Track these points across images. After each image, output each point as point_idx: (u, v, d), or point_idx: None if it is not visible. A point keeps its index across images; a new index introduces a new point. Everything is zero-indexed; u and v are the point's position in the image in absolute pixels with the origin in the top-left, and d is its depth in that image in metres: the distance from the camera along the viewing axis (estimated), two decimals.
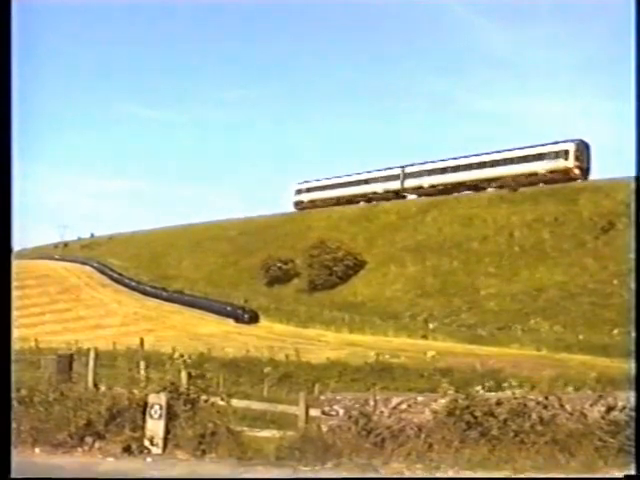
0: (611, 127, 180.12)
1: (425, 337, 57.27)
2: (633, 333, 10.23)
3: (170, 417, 11.24)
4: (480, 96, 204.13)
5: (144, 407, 11.33)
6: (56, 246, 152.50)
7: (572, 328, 51.81)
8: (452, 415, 10.55)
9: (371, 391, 11.64)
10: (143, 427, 11.23)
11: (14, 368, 11.29)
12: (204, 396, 11.77)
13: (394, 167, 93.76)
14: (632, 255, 10.40)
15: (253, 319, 72.21)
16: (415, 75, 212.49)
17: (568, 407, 10.62)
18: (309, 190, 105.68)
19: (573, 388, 12.72)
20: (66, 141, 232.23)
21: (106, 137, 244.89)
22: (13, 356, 9.47)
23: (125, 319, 75.85)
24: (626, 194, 54.48)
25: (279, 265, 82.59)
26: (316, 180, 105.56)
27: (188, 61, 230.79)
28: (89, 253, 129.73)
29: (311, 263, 77.21)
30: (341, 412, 10.94)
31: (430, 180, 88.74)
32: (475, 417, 10.44)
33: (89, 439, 11.38)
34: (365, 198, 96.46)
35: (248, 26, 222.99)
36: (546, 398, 10.73)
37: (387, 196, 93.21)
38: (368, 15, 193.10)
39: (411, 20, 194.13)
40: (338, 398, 11.34)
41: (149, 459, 10.90)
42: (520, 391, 11.12)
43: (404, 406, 10.87)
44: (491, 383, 11.96)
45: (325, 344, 54.34)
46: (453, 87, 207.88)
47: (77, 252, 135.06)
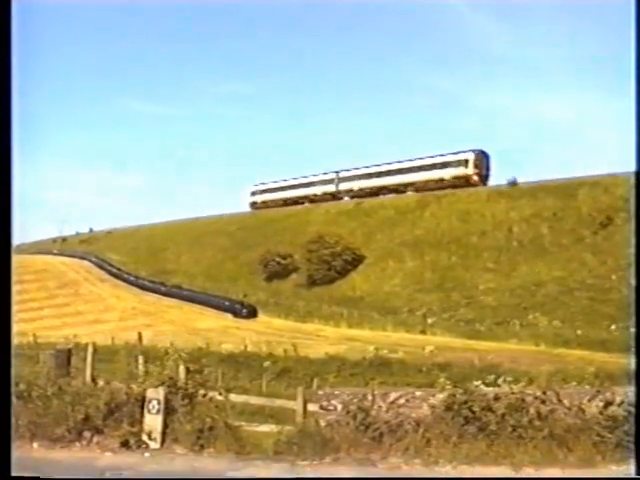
0: (610, 123, 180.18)
1: (423, 332, 57.22)
2: (632, 329, 10.20)
3: (168, 412, 11.25)
4: (479, 92, 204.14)
5: (142, 402, 11.34)
6: (55, 241, 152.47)
7: (570, 323, 51.79)
8: (450, 410, 10.57)
9: (369, 386, 11.67)
10: (141, 422, 11.25)
11: (13, 363, 11.31)
12: (202, 391, 11.78)
13: (330, 172, 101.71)
14: (631, 250, 10.35)
15: (252, 314, 72.13)
16: (413, 71, 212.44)
17: (566, 402, 10.64)
18: (262, 192, 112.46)
19: (571, 383, 12.75)
20: (65, 137, 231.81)
21: (105, 132, 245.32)
22: (12, 351, 9.47)
23: (123, 314, 75.77)
24: (625, 189, 54.48)
25: (278, 260, 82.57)
26: (270, 182, 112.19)
27: (187, 57, 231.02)
28: (88, 248, 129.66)
29: (310, 258, 77.14)
30: (339, 407, 10.96)
31: (359, 184, 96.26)
32: (473, 412, 10.46)
33: (87, 434, 11.39)
34: (308, 200, 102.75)
35: (249, 22, 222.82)
36: (544, 393, 10.75)
37: (325, 198, 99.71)
38: (367, 11, 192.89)
39: (410, 16, 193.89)
40: (336, 393, 11.36)
41: (147, 454, 10.91)
42: (518, 386, 11.14)
43: (402, 401, 10.89)
44: (492, 377, 11.92)
45: (324, 339, 54.33)
46: (451, 83, 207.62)
47: (76, 247, 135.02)
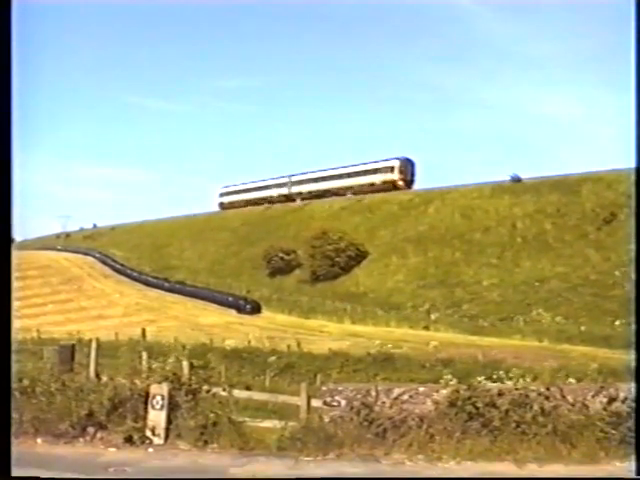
0: (613, 118, 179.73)
1: (427, 328, 57.21)
2: (634, 325, 10.20)
3: (172, 407, 11.26)
4: (481, 86, 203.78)
5: (146, 397, 11.34)
6: (58, 237, 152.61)
7: (574, 319, 51.74)
8: (454, 406, 10.57)
9: (373, 382, 11.65)
10: (145, 417, 11.26)
11: (16, 358, 11.32)
12: (206, 387, 11.78)
13: (284, 176, 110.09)
14: (632, 246, 10.34)
15: (255, 310, 72.14)
16: (416, 65, 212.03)
17: (570, 398, 10.62)
18: (228, 194, 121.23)
19: (574, 379, 12.74)
20: (69, 133, 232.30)
21: (109, 128, 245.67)
22: (15, 347, 9.47)
23: (127, 310, 75.85)
24: (628, 185, 54.34)
25: (281, 256, 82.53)
26: (235, 185, 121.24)
27: (188, 54, 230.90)
28: (91, 244, 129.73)
29: (313, 254, 77.10)
30: (343, 403, 10.95)
31: (308, 187, 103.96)
32: (477, 408, 10.45)
33: (91, 429, 11.40)
34: (266, 201, 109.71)
35: (250, 20, 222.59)
36: (548, 389, 10.74)
37: (280, 200, 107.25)
38: (369, 4, 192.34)
39: (413, 11, 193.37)
40: (340, 389, 11.35)
41: (151, 449, 10.92)
42: (522, 382, 11.13)
43: (406, 397, 10.88)
44: (499, 374, 11.93)
45: (327, 335, 54.32)
46: (454, 77, 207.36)
47: (79, 243, 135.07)
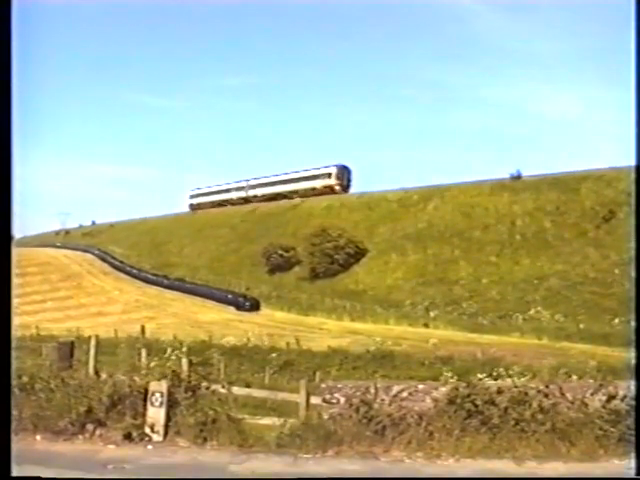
0: (613, 116, 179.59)
1: (426, 325, 57.25)
2: (633, 322, 10.21)
3: (171, 404, 11.26)
4: (482, 84, 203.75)
5: (145, 394, 11.34)
6: (57, 234, 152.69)
7: (573, 317, 51.78)
8: (453, 403, 10.57)
9: (372, 379, 11.65)
10: (144, 414, 11.26)
11: (15, 355, 11.31)
12: (205, 384, 11.78)
13: (243, 180, 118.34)
14: (632, 244, 10.36)
15: (254, 307, 72.16)
16: (418, 63, 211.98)
17: (569, 396, 10.63)
18: (197, 196, 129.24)
19: (574, 377, 12.75)
20: (69, 130, 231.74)
21: (108, 125, 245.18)
22: (14, 343, 9.46)
23: (126, 307, 75.83)
24: (627, 183, 54.35)
25: (280, 253, 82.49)
26: (202, 188, 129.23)
27: (188, 50, 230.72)
28: (90, 241, 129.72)
29: (312, 251, 77.03)
30: (342, 400, 10.96)
31: (261, 191, 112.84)
32: (476, 405, 10.46)
33: (90, 426, 11.40)
34: (229, 203, 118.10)
35: (252, 17, 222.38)
36: (547, 387, 10.74)
37: (240, 202, 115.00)
38: (370, 3, 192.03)
39: (415, 9, 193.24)
40: (339, 386, 11.36)
41: (150, 446, 10.93)
42: (521, 380, 11.13)
43: (405, 394, 10.89)
44: (499, 371, 11.95)
45: (326, 332, 54.33)
46: (455, 75, 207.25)
47: (78, 240, 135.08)
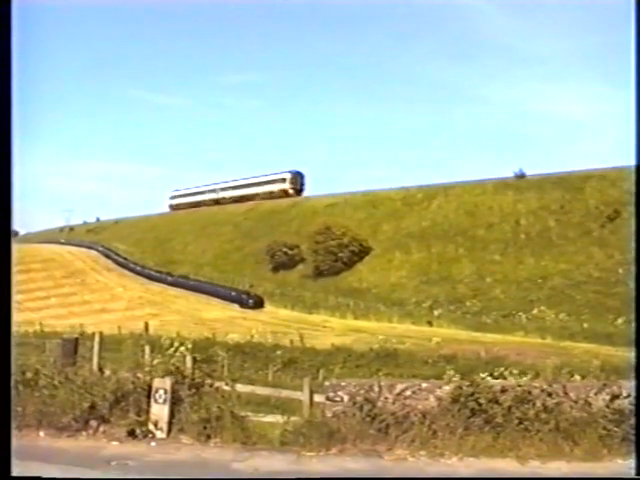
0: (618, 115, 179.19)
1: (430, 324, 57.28)
2: (635, 322, 10.20)
3: (175, 401, 11.26)
4: (485, 83, 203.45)
5: (149, 391, 11.35)
6: (61, 230, 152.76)
7: (577, 316, 51.80)
8: (456, 402, 10.56)
9: (375, 377, 11.65)
10: (148, 411, 11.26)
11: (19, 351, 11.34)
12: (209, 381, 11.79)
13: (212, 184, 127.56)
14: (633, 244, 10.34)
15: (258, 304, 72.24)
16: (420, 62, 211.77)
17: (572, 395, 10.61)
18: (175, 197, 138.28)
19: (577, 376, 12.73)
20: (72, 127, 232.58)
21: (112, 122, 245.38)
22: (18, 340, 9.48)
23: (130, 303, 75.99)
24: (632, 183, 54.28)
25: (284, 250, 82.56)
26: (180, 190, 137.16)
27: (190, 48, 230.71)
28: (94, 237, 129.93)
29: (316, 249, 77.10)
30: (346, 398, 10.94)
31: (229, 193, 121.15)
32: (479, 404, 10.44)
33: (94, 423, 11.40)
34: (203, 204, 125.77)
35: (254, 15, 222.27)
36: (550, 386, 10.73)
37: (211, 203, 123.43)
38: (372, 1, 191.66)
39: (417, 8, 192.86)
40: (343, 384, 11.34)
41: (153, 443, 10.93)
42: (525, 379, 11.12)
43: (408, 392, 10.87)
44: (502, 370, 11.95)
45: (330, 330, 54.36)
46: (458, 74, 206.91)
47: (82, 236, 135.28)
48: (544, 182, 73.71)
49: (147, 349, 16.99)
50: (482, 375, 11.66)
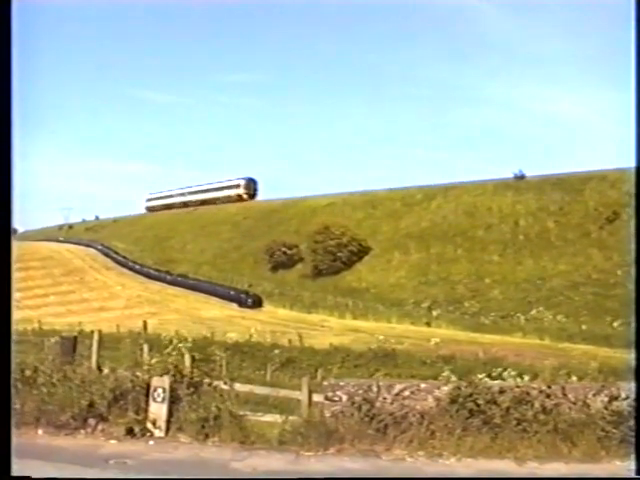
0: (618, 116, 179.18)
1: (428, 324, 57.25)
2: (633, 324, 10.20)
3: (173, 400, 11.28)
4: (485, 84, 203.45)
5: (147, 390, 11.36)
6: (60, 228, 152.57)
7: (575, 318, 51.77)
8: (455, 403, 10.57)
9: (374, 377, 11.65)
10: (146, 410, 11.27)
11: (18, 349, 11.33)
12: (207, 380, 11.79)
13: (179, 188, 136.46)
14: (633, 246, 10.38)
15: (257, 304, 72.16)
16: (421, 62, 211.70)
17: (571, 396, 10.63)
18: (150, 199, 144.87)
19: (575, 378, 12.73)
20: (73, 125, 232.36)
21: (112, 120, 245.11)
22: (17, 338, 9.47)
23: (129, 302, 75.86)
24: (631, 184, 54.30)
25: (283, 250, 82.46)
26: (155, 192, 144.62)
27: (191, 47, 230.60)
28: (93, 235, 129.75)
29: (315, 248, 77.03)
30: (344, 398, 10.95)
31: (195, 197, 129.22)
32: (478, 405, 10.45)
33: (92, 421, 11.42)
34: (173, 206, 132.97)
35: (255, 14, 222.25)
36: (549, 387, 10.74)
37: (180, 206, 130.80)
38: (373, 1, 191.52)
39: (419, 8, 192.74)
40: (341, 384, 11.35)
41: (152, 442, 10.94)
42: (523, 380, 11.13)
43: (407, 393, 10.88)
44: (500, 371, 11.95)
45: (328, 330, 54.31)
46: (459, 74, 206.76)
47: (81, 234, 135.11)
48: (543, 183, 73.70)
49: (146, 348, 17.00)
50: (480, 376, 11.64)
